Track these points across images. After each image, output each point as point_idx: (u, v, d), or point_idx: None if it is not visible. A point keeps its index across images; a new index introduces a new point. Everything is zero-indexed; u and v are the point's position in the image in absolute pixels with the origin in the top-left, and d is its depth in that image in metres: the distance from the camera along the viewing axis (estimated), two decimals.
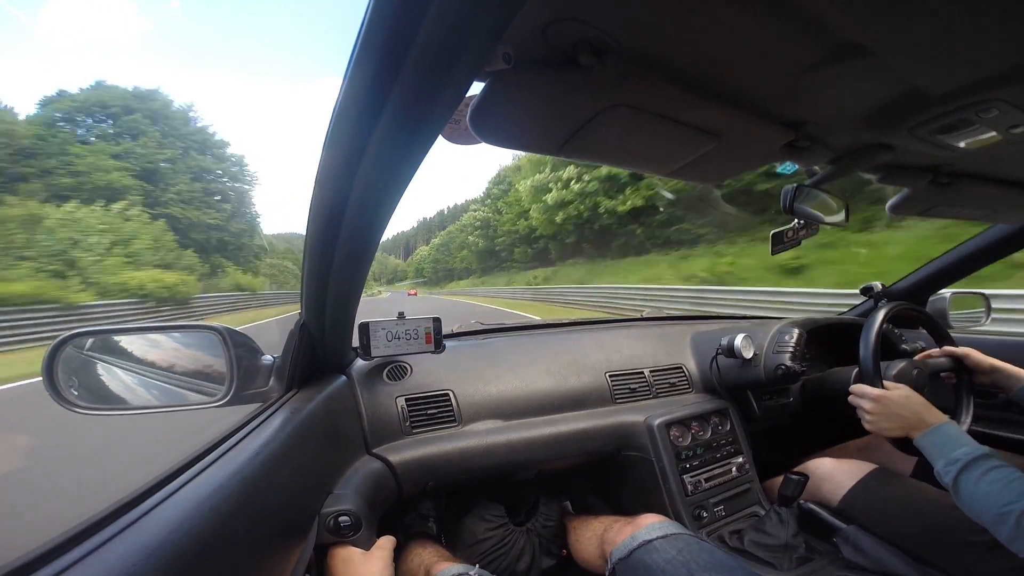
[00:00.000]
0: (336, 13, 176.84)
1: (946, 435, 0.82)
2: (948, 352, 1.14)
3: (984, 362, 1.09)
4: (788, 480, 1.04)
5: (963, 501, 0.76)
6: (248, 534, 0.46)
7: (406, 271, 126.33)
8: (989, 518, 0.72)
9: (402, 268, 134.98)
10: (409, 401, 1.00)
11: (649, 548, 0.80)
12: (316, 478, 0.71)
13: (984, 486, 0.73)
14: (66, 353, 0.65)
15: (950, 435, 0.82)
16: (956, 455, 0.77)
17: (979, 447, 0.78)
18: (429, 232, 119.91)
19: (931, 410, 0.87)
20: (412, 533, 1.05)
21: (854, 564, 0.90)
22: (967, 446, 0.78)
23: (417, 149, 0.45)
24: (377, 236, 0.61)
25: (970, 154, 0.71)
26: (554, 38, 0.43)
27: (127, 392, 0.75)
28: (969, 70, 0.50)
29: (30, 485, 2.77)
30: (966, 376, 1.14)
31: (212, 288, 23.46)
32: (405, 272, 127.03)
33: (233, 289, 25.17)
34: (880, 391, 0.92)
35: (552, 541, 1.15)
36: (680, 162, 0.72)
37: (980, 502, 0.73)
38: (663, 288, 13.16)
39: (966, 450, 0.77)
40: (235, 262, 30.62)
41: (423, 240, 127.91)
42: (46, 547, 0.33)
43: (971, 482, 0.75)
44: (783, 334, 1.21)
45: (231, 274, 27.63)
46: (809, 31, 0.43)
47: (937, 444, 0.82)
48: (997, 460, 0.76)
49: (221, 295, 22.75)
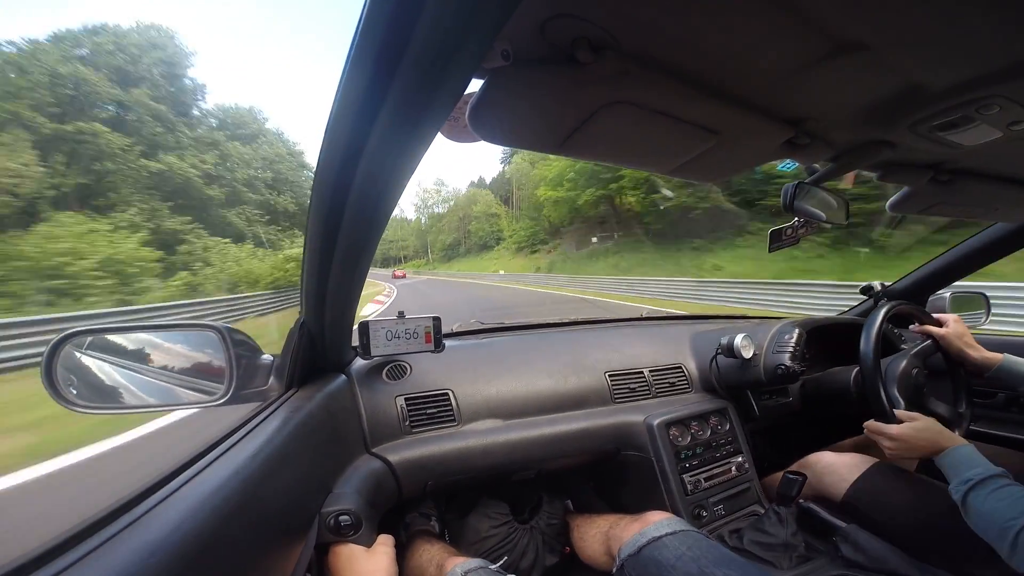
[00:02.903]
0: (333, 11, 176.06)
1: (961, 456, 0.86)
2: (925, 331, 1.16)
3: (952, 347, 1.13)
4: (787, 479, 1.04)
5: (971, 518, 0.79)
6: (248, 533, 0.46)
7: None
8: (992, 534, 0.75)
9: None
10: (409, 400, 1.00)
11: (659, 544, 0.80)
12: (316, 477, 0.71)
13: (991, 503, 0.76)
14: (65, 352, 0.64)
15: (964, 456, 0.86)
16: (968, 475, 0.81)
17: (992, 468, 0.81)
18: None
19: (945, 433, 0.91)
20: (415, 532, 1.05)
21: (853, 562, 0.90)
22: (980, 467, 0.82)
23: (416, 147, 0.45)
24: (377, 234, 0.61)
25: (970, 151, 0.71)
26: (552, 35, 0.43)
27: (126, 391, 0.75)
28: (969, 66, 0.50)
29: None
30: (960, 369, 1.15)
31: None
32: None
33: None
34: (897, 430, 0.95)
35: (556, 539, 1.15)
36: (681, 160, 0.72)
37: (986, 519, 0.76)
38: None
39: (978, 471, 0.81)
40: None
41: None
42: (47, 546, 0.33)
43: (979, 500, 0.78)
44: (783, 334, 1.20)
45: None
46: (808, 26, 0.43)
47: (952, 465, 0.86)
48: (1008, 480, 0.79)
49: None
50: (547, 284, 25.71)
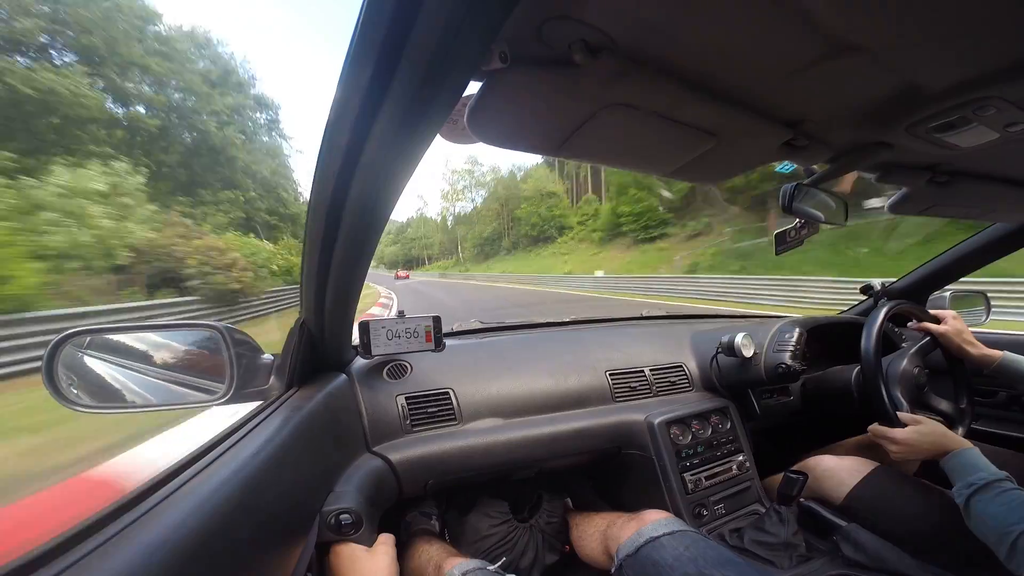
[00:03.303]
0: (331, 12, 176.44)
1: (966, 460, 0.86)
2: (924, 328, 1.16)
3: (952, 344, 1.13)
4: (788, 478, 1.04)
5: (973, 522, 0.79)
6: (249, 532, 0.47)
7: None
8: (993, 539, 0.75)
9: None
10: (409, 399, 1.00)
11: (656, 545, 0.80)
12: (317, 476, 0.71)
13: (993, 508, 0.77)
14: (66, 352, 0.65)
15: (969, 460, 0.86)
16: (972, 479, 0.81)
17: (996, 472, 0.81)
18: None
19: (949, 435, 0.92)
20: (415, 531, 1.05)
21: (854, 562, 0.90)
22: (984, 471, 0.82)
23: (415, 148, 0.45)
24: (376, 234, 0.62)
25: (968, 153, 0.71)
26: (550, 37, 0.44)
27: (127, 390, 0.75)
28: (966, 67, 0.50)
29: None
30: (960, 366, 1.16)
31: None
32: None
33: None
34: (902, 434, 0.95)
35: (556, 537, 1.15)
36: (679, 162, 0.72)
37: (988, 523, 0.77)
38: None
39: (982, 475, 0.81)
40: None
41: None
42: (48, 546, 0.34)
43: (982, 505, 0.78)
44: (783, 333, 1.21)
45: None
46: (806, 28, 0.43)
47: (957, 469, 0.86)
48: (1012, 484, 0.79)
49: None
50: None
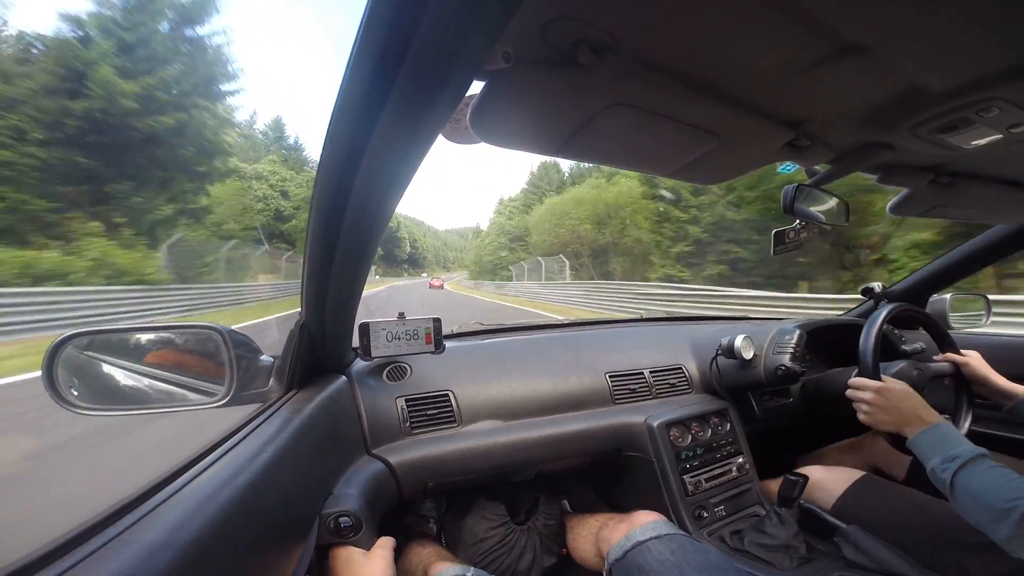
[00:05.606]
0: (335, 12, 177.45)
1: (944, 434, 0.81)
2: (949, 359, 1.14)
3: (979, 373, 1.08)
4: (788, 481, 1.04)
5: (959, 499, 0.74)
6: (249, 535, 0.46)
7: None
8: (988, 516, 0.70)
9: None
10: (409, 402, 0.99)
11: (643, 549, 0.80)
12: (316, 479, 0.71)
13: (986, 482, 0.71)
14: (66, 353, 0.64)
15: (948, 434, 0.81)
16: (955, 452, 0.76)
17: (978, 448, 0.77)
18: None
19: (928, 409, 0.86)
20: (413, 534, 1.05)
21: (855, 564, 0.90)
22: (966, 445, 0.77)
23: (417, 148, 0.45)
24: (378, 235, 0.61)
25: (970, 154, 0.71)
26: (553, 37, 0.43)
27: (127, 392, 0.75)
28: (969, 68, 0.50)
29: None
30: (965, 382, 1.14)
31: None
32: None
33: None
34: (881, 383, 0.92)
35: (553, 540, 1.15)
36: (681, 162, 0.72)
37: (981, 498, 0.71)
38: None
39: (966, 448, 0.76)
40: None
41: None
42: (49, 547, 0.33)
43: (972, 478, 0.73)
44: (783, 335, 1.20)
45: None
46: (809, 29, 0.43)
47: (934, 442, 0.80)
48: (995, 462, 0.75)
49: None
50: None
